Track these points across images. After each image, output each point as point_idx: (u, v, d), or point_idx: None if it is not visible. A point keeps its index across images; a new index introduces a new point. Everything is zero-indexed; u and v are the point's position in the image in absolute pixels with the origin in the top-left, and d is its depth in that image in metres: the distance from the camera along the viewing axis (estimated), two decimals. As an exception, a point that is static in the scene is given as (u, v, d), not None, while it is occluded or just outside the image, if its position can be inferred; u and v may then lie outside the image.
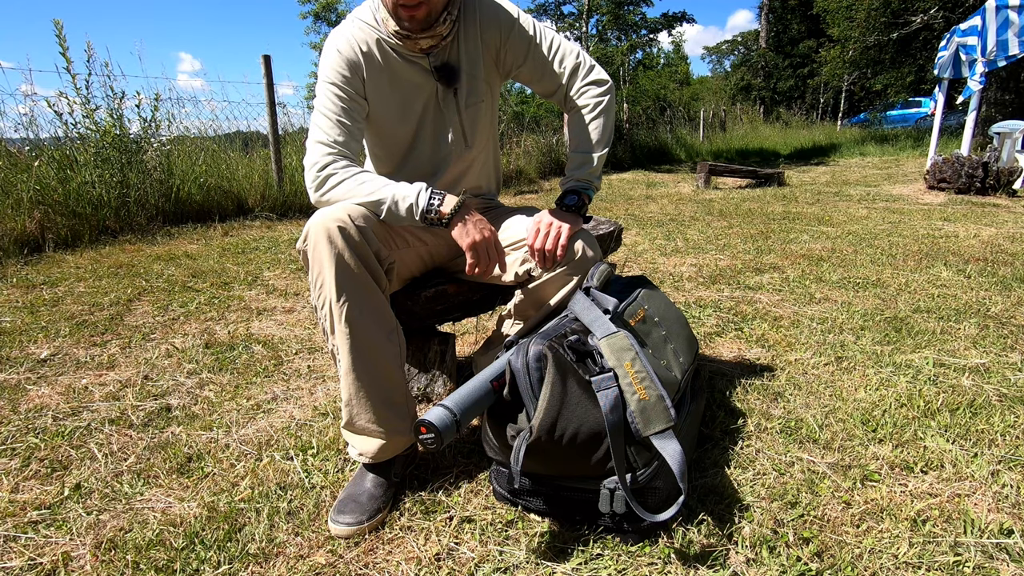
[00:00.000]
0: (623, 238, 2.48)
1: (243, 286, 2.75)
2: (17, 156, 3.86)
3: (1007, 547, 0.96)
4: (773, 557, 0.95)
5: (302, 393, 1.63)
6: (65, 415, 1.52)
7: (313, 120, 1.18)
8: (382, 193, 1.11)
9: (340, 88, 1.16)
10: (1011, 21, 5.41)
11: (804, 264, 2.95)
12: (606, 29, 13.69)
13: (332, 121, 1.16)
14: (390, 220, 1.13)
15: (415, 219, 1.11)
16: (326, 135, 1.15)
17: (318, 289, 1.07)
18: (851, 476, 1.16)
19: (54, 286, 2.74)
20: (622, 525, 0.99)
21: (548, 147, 8.59)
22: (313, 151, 1.15)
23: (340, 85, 1.16)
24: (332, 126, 1.15)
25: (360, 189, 1.12)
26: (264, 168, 5.06)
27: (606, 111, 1.29)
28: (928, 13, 12.91)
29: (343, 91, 1.17)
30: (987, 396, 1.49)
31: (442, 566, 0.96)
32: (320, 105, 1.17)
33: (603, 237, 1.59)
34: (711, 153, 12.26)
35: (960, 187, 5.55)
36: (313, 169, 1.14)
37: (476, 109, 1.29)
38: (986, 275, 2.64)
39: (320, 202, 1.15)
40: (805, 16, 24.20)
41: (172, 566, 0.96)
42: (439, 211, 1.10)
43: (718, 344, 1.91)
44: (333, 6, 17.07)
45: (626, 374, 0.98)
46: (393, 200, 1.10)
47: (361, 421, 1.11)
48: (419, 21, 1.12)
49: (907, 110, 18.36)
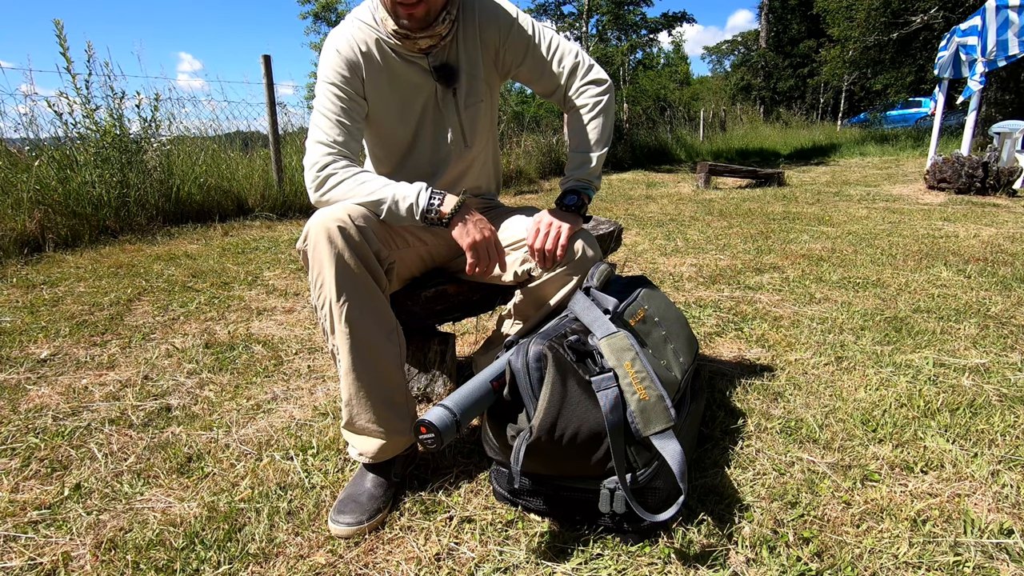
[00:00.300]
0: (623, 238, 2.49)
1: (243, 286, 2.75)
2: (17, 156, 3.86)
3: (1007, 547, 0.96)
4: (773, 557, 0.95)
5: (302, 393, 1.63)
6: (65, 415, 1.52)
7: (313, 120, 1.19)
8: (382, 193, 1.11)
9: (339, 88, 1.16)
10: (1011, 21, 5.41)
11: (804, 264, 2.95)
12: (606, 29, 13.70)
13: (332, 121, 1.16)
14: (390, 220, 1.13)
15: (415, 219, 1.11)
16: (326, 135, 1.15)
17: (318, 289, 1.07)
18: (851, 476, 1.16)
19: (54, 286, 2.74)
20: (622, 525, 0.99)
21: (548, 147, 8.59)
22: (313, 151, 1.15)
23: (339, 85, 1.16)
24: (332, 126, 1.15)
25: (360, 189, 1.12)
26: (264, 168, 5.06)
27: (605, 111, 1.29)
28: (928, 13, 12.90)
29: (342, 91, 1.17)
30: (987, 396, 1.49)
31: (442, 566, 0.96)
32: (320, 105, 1.17)
33: (603, 237, 1.59)
34: (711, 153, 12.26)
35: (960, 187, 5.55)
36: (313, 169, 1.14)
37: (475, 109, 1.29)
38: (986, 275, 2.64)
39: (320, 202, 1.15)
40: (805, 16, 24.21)
41: (172, 566, 0.96)
42: (439, 211, 1.10)
43: (718, 344, 1.91)
44: (333, 6, 17.08)
45: (626, 374, 0.98)
46: (393, 200, 1.10)
47: (361, 421, 1.11)
48: (418, 20, 1.12)
49: (907, 110, 18.35)
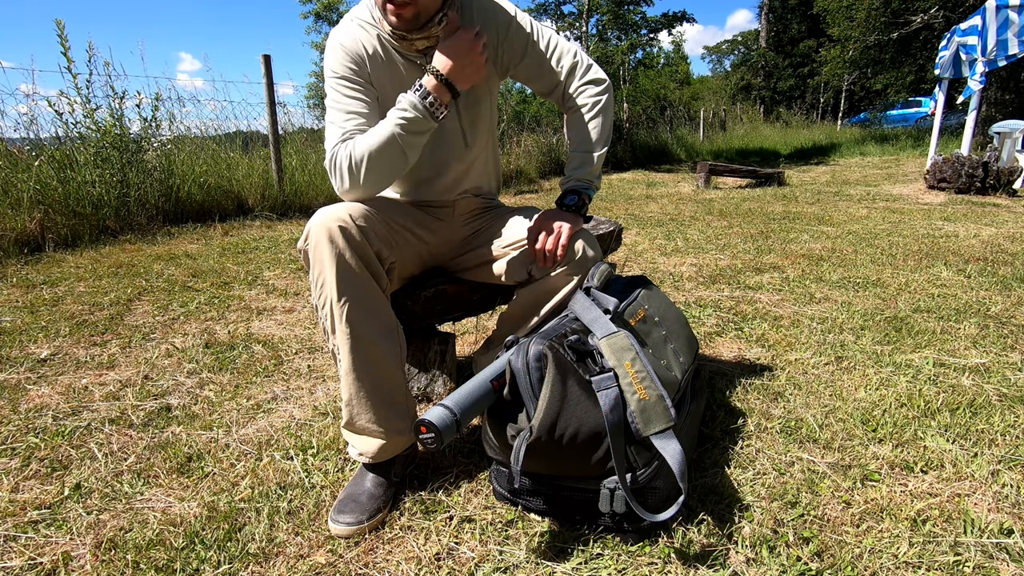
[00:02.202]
0: (623, 238, 2.49)
1: (243, 286, 2.75)
2: (17, 156, 3.86)
3: (1007, 547, 0.96)
4: (773, 557, 0.95)
5: (302, 393, 1.63)
6: (65, 415, 1.52)
7: (327, 119, 1.16)
8: (386, 133, 1.08)
9: (348, 80, 1.14)
10: (1011, 21, 5.41)
11: (804, 264, 2.95)
12: (606, 29, 13.70)
13: (344, 113, 1.13)
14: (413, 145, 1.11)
15: (430, 121, 1.10)
16: (340, 128, 1.12)
17: (319, 289, 1.07)
18: (851, 476, 1.16)
19: (54, 286, 2.74)
20: (622, 525, 0.99)
21: (548, 147, 8.59)
22: (328, 147, 1.12)
23: (348, 77, 1.14)
24: (346, 118, 1.13)
25: (370, 144, 1.09)
26: (264, 168, 5.06)
27: (604, 110, 1.29)
28: (928, 13, 12.90)
29: (352, 82, 1.14)
30: (987, 396, 1.49)
31: (442, 566, 0.96)
32: (331, 101, 1.15)
33: (603, 237, 1.59)
34: (711, 153, 12.26)
35: (960, 187, 5.55)
36: (328, 164, 1.12)
37: (475, 109, 1.29)
38: (986, 275, 2.64)
39: (345, 192, 1.12)
40: (805, 16, 24.20)
41: (172, 566, 0.96)
42: (427, 90, 1.08)
43: (718, 344, 1.91)
44: (335, 6, 17.08)
45: (626, 374, 0.98)
46: (400, 128, 1.08)
47: (361, 421, 1.11)
48: (407, 21, 1.09)
49: (907, 110, 18.34)
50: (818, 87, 25.06)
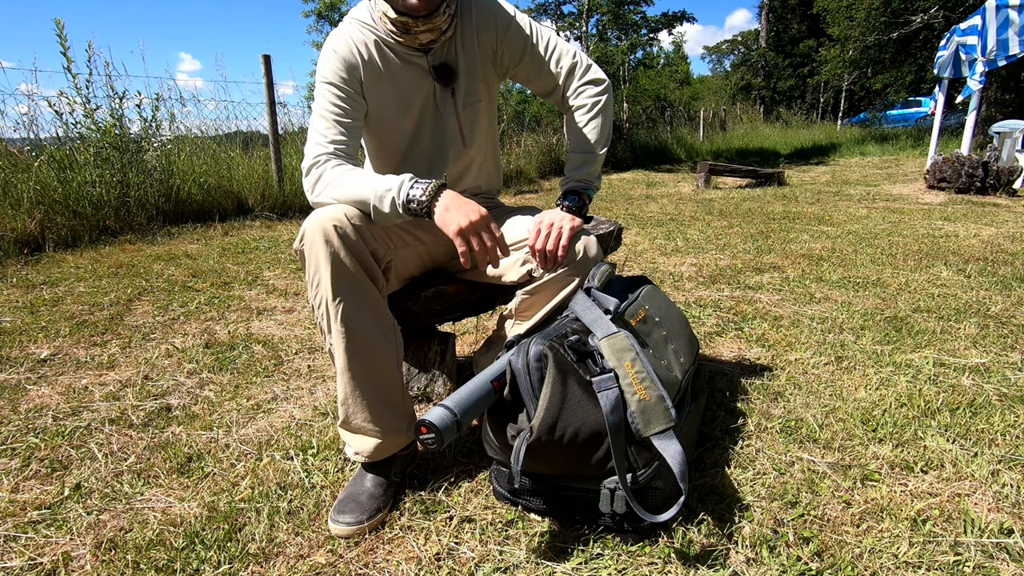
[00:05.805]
0: (623, 238, 2.49)
1: (243, 286, 2.75)
2: (17, 156, 3.86)
3: (1007, 547, 0.96)
4: (773, 557, 0.95)
5: (302, 393, 1.63)
6: (65, 415, 1.52)
7: (311, 122, 1.18)
8: (364, 192, 1.06)
9: (337, 88, 1.16)
10: (1011, 20, 5.41)
11: (804, 264, 2.95)
12: (606, 29, 13.71)
13: (329, 121, 1.15)
14: (379, 220, 1.07)
15: (400, 213, 1.05)
16: (322, 136, 1.14)
17: (315, 288, 1.07)
18: (851, 476, 1.16)
19: (54, 286, 2.74)
20: (622, 525, 0.99)
21: (548, 147, 8.58)
22: (308, 152, 1.15)
23: (337, 84, 1.16)
24: (329, 126, 1.15)
25: (344, 189, 1.08)
26: (264, 168, 5.06)
27: (604, 110, 1.29)
28: (928, 12, 12.90)
29: (341, 90, 1.16)
30: (987, 396, 1.49)
31: (442, 566, 0.96)
32: (318, 106, 1.17)
33: (603, 237, 1.59)
34: (711, 153, 12.25)
35: (960, 187, 5.55)
36: (305, 170, 1.14)
37: (474, 109, 1.29)
38: (986, 275, 2.64)
39: (316, 203, 1.14)
40: (805, 15, 24.20)
41: (172, 566, 0.96)
42: (420, 200, 1.03)
43: (718, 344, 1.91)
44: (337, 6, 17.08)
45: (626, 374, 0.98)
46: (376, 196, 1.05)
47: (357, 420, 1.11)
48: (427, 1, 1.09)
49: (907, 110, 18.33)
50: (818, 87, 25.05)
